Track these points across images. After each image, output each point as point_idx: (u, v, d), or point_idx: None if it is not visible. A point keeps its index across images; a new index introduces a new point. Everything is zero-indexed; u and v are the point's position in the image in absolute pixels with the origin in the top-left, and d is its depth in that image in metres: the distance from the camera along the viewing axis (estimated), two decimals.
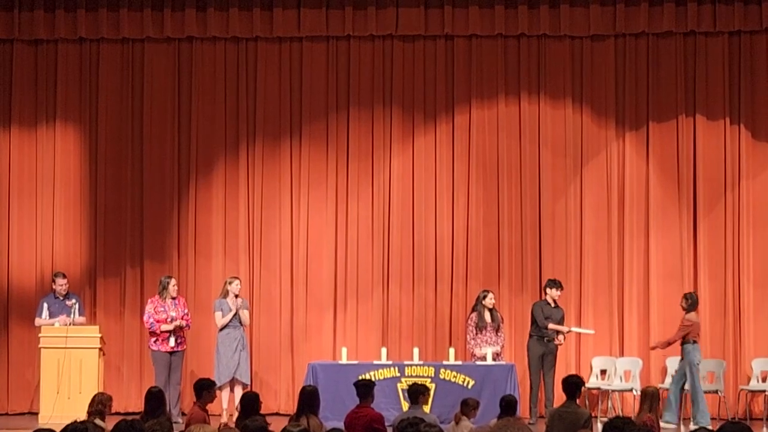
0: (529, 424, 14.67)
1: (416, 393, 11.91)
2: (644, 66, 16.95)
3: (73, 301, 15.59)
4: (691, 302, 15.44)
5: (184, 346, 15.70)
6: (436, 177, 16.98)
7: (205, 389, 11.49)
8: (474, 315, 15.66)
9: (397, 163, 17.02)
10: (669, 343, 15.44)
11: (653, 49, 16.95)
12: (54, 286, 15.90)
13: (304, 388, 11.64)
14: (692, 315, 15.36)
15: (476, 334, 15.57)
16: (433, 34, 16.99)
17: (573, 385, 11.29)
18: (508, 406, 11.52)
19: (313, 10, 16.88)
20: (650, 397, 11.40)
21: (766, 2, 16.60)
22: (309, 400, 11.22)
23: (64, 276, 15.92)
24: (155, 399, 11.19)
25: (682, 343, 15.27)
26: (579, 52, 17.03)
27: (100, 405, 11.10)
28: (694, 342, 15.25)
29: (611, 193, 16.87)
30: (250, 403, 10.91)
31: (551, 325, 15.74)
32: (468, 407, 11.96)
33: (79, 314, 15.54)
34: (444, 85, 17.08)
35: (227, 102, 17.11)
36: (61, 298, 15.78)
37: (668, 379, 16.23)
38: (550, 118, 16.96)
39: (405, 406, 14.54)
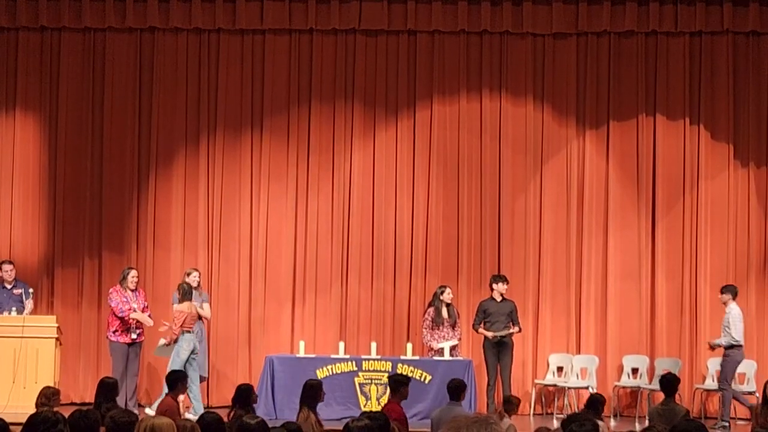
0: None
1: (457, 389, 11.81)
2: (605, 65, 17.04)
3: (21, 290, 15.49)
4: (183, 293, 15.03)
5: (143, 338, 15.60)
6: (396, 172, 17.00)
7: (179, 381, 11.50)
8: (431, 310, 15.63)
9: (358, 157, 17.02)
10: (176, 335, 14.81)
11: (615, 48, 17.04)
12: (0, 273, 15.81)
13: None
14: (183, 305, 14.93)
15: (433, 329, 15.54)
16: (395, 29, 17.04)
17: (669, 383, 11.82)
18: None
19: (276, 3, 16.87)
20: None
21: (728, 4, 16.73)
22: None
23: (11, 262, 15.82)
24: (108, 389, 11.18)
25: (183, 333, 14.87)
26: (541, 50, 17.10)
27: (44, 398, 11.07)
28: (188, 332, 14.82)
29: (571, 191, 16.93)
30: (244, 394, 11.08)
31: (480, 330, 15.74)
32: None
33: (26, 297, 15.44)
34: (406, 80, 17.11)
35: (188, 94, 17.06)
36: (9, 287, 15.64)
37: (624, 378, 16.34)
38: (511, 116, 17.01)
39: (362, 400, 14.61)
